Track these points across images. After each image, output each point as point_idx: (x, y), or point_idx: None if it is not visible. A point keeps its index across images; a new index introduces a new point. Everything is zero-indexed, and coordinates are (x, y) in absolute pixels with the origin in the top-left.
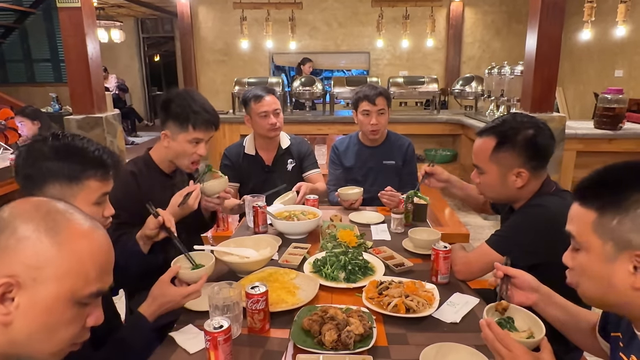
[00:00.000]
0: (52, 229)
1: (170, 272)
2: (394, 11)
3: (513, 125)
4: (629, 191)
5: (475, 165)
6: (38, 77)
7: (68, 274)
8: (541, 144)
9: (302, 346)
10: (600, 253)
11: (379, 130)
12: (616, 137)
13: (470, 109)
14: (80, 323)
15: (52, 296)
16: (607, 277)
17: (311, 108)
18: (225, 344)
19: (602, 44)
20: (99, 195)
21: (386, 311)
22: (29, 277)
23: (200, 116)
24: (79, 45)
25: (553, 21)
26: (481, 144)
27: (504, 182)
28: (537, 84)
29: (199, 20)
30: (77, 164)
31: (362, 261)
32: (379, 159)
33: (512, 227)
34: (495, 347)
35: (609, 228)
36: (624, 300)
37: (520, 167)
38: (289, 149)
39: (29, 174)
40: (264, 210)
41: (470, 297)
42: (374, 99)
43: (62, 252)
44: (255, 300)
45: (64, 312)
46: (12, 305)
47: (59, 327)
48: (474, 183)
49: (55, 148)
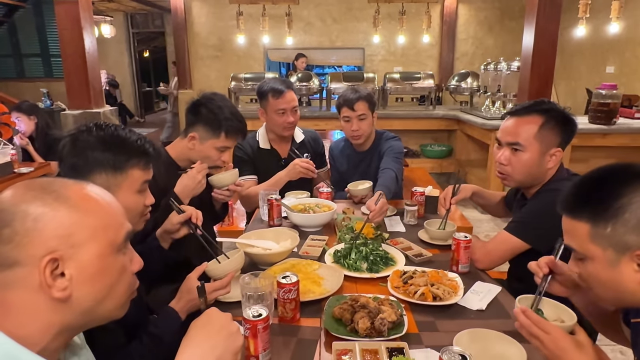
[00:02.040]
0: (60, 197)
1: (199, 269)
2: (389, 7)
3: (552, 106)
4: (613, 198)
5: (511, 143)
6: (28, 72)
7: (99, 229)
8: (574, 126)
9: (336, 334)
10: (603, 260)
11: (361, 135)
12: (610, 131)
13: (466, 105)
14: (129, 270)
15: (96, 254)
16: (616, 280)
17: (307, 104)
18: (264, 332)
19: (593, 41)
20: (141, 183)
21: (413, 299)
22: (67, 246)
23: (232, 123)
24: (75, 39)
25: (550, 17)
26: (524, 122)
27: (540, 162)
28: (534, 80)
29: (193, 16)
30: (122, 154)
31: (383, 252)
32: (368, 163)
33: (531, 212)
34: (534, 332)
35: (604, 236)
36: (637, 297)
37: (558, 146)
38: (304, 142)
39: (75, 163)
40: (279, 203)
41: (492, 285)
42: (353, 105)
43: (82, 212)
44: (288, 289)
45: (113, 265)
46: (65, 279)
47: (115, 281)
48: (499, 163)
49: (101, 138)
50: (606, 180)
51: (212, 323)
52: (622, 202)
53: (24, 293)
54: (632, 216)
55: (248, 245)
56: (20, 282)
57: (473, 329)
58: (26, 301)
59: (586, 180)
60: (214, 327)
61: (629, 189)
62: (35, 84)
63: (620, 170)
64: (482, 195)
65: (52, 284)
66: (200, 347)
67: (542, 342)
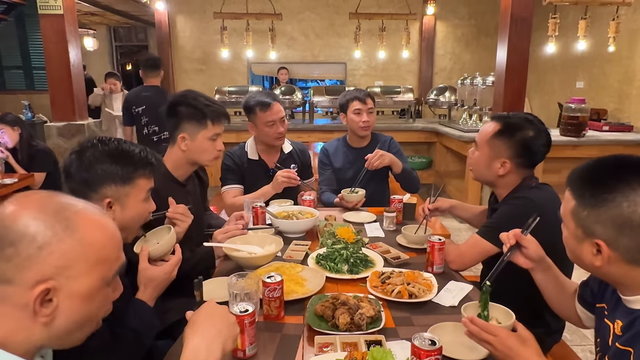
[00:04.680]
0: (68, 227)
1: (143, 257)
2: (370, 24)
3: (520, 122)
4: (602, 190)
5: (474, 141)
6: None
7: (97, 263)
8: (533, 148)
9: (318, 329)
10: (574, 233)
11: (369, 126)
12: (580, 143)
13: (444, 118)
14: (110, 299)
15: (87, 287)
16: (577, 251)
17: (290, 117)
18: (250, 327)
19: (564, 57)
20: (146, 192)
21: (391, 297)
22: (63, 277)
23: (214, 109)
24: (60, 52)
25: (521, 36)
26: (487, 126)
27: (489, 165)
28: (508, 94)
29: (177, 30)
30: (129, 165)
31: (362, 255)
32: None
33: (500, 218)
34: (483, 337)
35: (580, 217)
36: (590, 269)
37: (507, 158)
38: (291, 153)
39: (85, 178)
40: (264, 210)
41: (464, 284)
42: (364, 99)
43: (86, 246)
44: (273, 288)
45: (98, 296)
46: (52, 306)
47: (96, 311)
48: (469, 157)
49: (107, 152)
50: (608, 171)
51: (213, 314)
52: (607, 196)
53: (10, 309)
54: (607, 211)
55: (234, 249)
56: (9, 298)
57: (445, 322)
58: (11, 316)
59: (596, 163)
60: (216, 317)
61: (620, 189)
62: (16, 96)
63: (623, 165)
64: (462, 208)
65: (39, 310)
66: (206, 334)
67: (492, 345)
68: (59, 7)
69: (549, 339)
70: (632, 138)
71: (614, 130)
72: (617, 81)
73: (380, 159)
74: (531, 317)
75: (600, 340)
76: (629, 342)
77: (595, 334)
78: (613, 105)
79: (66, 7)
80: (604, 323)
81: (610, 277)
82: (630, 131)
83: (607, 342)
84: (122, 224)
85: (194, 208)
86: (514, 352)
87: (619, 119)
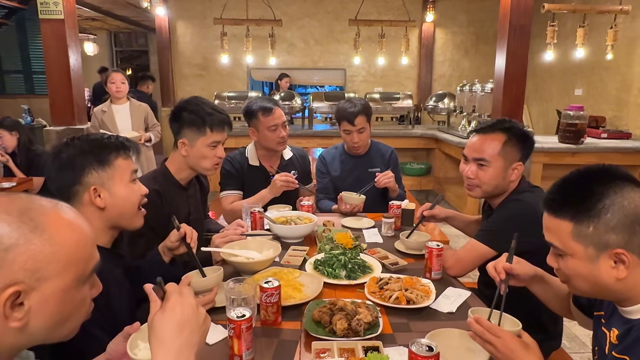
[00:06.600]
0: (37, 228)
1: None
2: (370, 30)
3: (512, 124)
4: (596, 199)
5: (478, 159)
6: (9, 88)
7: (69, 264)
8: (532, 138)
9: (315, 334)
10: (584, 256)
11: (360, 146)
12: (579, 150)
13: (443, 124)
14: (89, 298)
15: (60, 288)
16: (594, 274)
17: (290, 123)
18: (247, 332)
19: (563, 65)
20: (130, 173)
21: (388, 303)
22: (32, 279)
23: (215, 117)
24: (60, 56)
25: (520, 43)
26: (489, 140)
27: (504, 175)
28: (507, 101)
29: (177, 35)
30: (104, 149)
31: (361, 260)
32: (364, 167)
33: (497, 221)
34: (486, 338)
35: (586, 234)
36: (612, 290)
37: (519, 160)
38: (292, 160)
39: (67, 176)
40: (262, 215)
41: (462, 290)
42: (353, 120)
43: (56, 246)
44: (270, 293)
45: (74, 297)
46: (23, 310)
47: (73, 312)
48: (467, 177)
49: (80, 146)
50: (589, 181)
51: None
52: (604, 203)
53: None
54: (613, 217)
55: (232, 254)
56: None
57: (443, 328)
58: None
59: (570, 180)
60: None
61: (611, 191)
62: (16, 100)
63: (601, 172)
64: (458, 219)
65: (10, 314)
66: (171, 348)
67: (494, 346)
68: (60, 12)
69: (547, 344)
70: (630, 145)
71: (613, 137)
72: (615, 89)
73: (389, 180)
74: (530, 323)
75: (597, 349)
76: (624, 351)
77: (592, 342)
78: (611, 113)
79: (67, 12)
80: (600, 331)
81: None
82: (628, 138)
83: (604, 351)
84: (117, 211)
85: (194, 212)
86: (516, 355)
87: (617, 126)
